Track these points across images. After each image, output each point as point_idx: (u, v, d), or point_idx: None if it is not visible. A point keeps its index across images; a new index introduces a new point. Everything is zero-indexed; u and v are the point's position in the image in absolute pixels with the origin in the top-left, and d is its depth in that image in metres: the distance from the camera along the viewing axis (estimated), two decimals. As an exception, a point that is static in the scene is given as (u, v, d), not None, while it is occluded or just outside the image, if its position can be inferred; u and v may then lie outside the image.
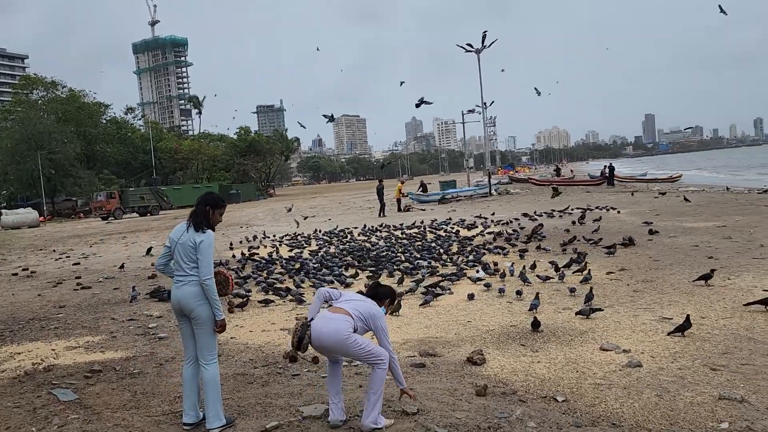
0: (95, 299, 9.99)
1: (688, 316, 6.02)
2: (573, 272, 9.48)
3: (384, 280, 10.07)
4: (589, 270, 9.19)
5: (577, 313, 7.06)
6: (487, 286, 8.87)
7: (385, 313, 4.27)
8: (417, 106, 42.34)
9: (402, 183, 31.18)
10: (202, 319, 4.14)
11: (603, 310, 7.04)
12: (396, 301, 4.88)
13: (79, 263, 15.66)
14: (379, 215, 25.11)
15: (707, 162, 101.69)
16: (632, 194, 27.64)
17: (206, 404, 4.15)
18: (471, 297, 8.23)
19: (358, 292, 4.58)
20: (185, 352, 4.33)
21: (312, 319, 4.08)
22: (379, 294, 4.34)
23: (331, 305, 4.22)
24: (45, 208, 50.91)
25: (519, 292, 8.32)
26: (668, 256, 10.56)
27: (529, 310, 7.27)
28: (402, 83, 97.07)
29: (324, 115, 40.62)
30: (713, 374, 4.87)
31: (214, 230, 4.28)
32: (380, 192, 26.31)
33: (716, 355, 5.34)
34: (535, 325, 6.44)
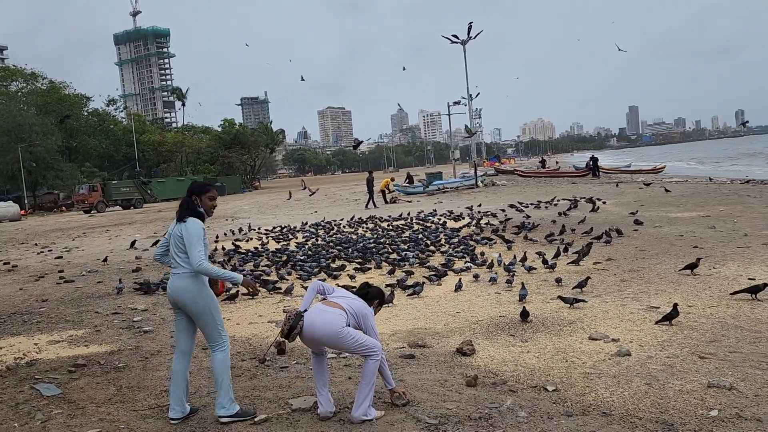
0: (78, 293, 9.84)
1: (675, 305, 6.05)
2: (568, 262, 9.48)
3: (372, 271, 10.04)
4: (580, 262, 9.24)
5: (559, 297, 7.07)
6: (476, 277, 8.87)
7: (374, 314, 4.27)
8: (469, 135, 47.12)
9: (392, 179, 31.41)
10: (197, 312, 4.08)
11: (587, 301, 7.05)
12: (386, 297, 4.90)
13: (61, 257, 15.43)
14: (366, 207, 25.09)
15: (686, 153, 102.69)
16: (617, 185, 27.83)
17: (218, 390, 4.07)
18: (459, 288, 8.22)
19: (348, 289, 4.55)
20: (177, 345, 4.25)
21: (305, 310, 4.04)
22: (369, 294, 4.34)
23: (324, 299, 4.19)
24: (26, 201, 50.14)
25: (509, 281, 8.33)
26: (654, 246, 10.63)
27: (519, 300, 7.27)
28: (302, 78, 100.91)
29: (354, 143, 43.59)
30: (702, 362, 4.90)
31: (206, 217, 4.21)
32: (370, 183, 26.30)
33: (704, 344, 5.36)
34: (524, 315, 6.44)
